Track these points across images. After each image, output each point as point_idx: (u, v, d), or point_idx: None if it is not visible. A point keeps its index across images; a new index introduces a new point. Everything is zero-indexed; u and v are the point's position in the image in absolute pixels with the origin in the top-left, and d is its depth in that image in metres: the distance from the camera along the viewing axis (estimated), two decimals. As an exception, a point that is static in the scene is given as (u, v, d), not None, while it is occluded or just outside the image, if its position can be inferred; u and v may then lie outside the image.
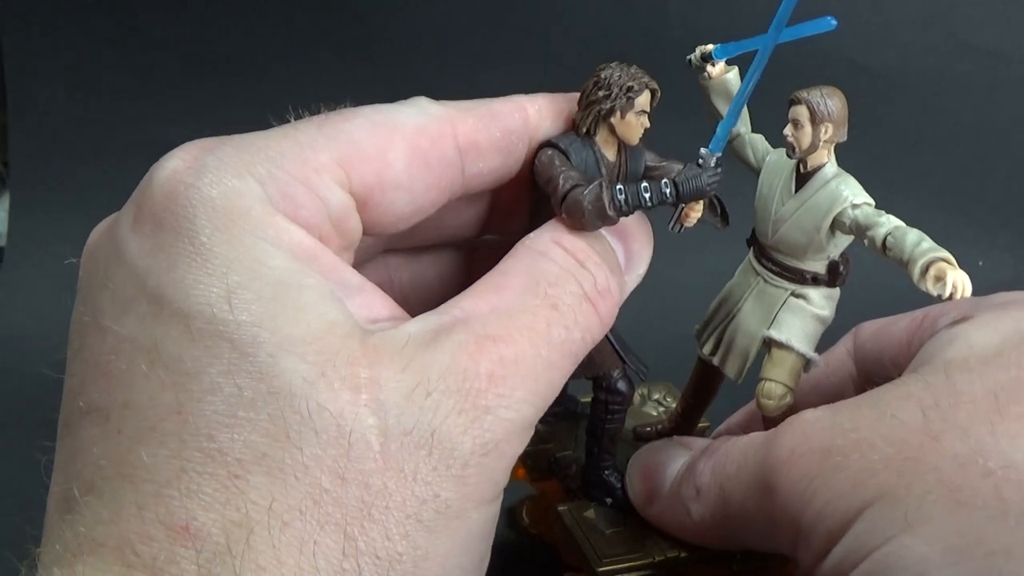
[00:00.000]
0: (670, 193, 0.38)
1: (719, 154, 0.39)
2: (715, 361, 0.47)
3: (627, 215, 0.38)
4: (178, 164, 0.33)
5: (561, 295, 0.36)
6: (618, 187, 0.38)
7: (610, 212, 0.37)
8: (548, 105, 0.41)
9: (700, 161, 0.39)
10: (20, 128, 0.98)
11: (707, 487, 0.41)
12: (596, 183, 0.38)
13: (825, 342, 0.45)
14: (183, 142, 0.35)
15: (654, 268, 0.41)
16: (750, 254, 0.46)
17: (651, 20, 1.01)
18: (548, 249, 0.37)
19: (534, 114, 0.41)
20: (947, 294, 0.37)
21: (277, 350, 0.30)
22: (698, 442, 0.45)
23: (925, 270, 0.38)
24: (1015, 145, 1.13)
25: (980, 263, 1.03)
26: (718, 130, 0.41)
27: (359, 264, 0.40)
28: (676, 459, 0.44)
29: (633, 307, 0.43)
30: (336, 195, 0.35)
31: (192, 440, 0.29)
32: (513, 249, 0.38)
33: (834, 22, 0.40)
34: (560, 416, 0.54)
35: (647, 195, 0.38)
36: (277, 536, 0.28)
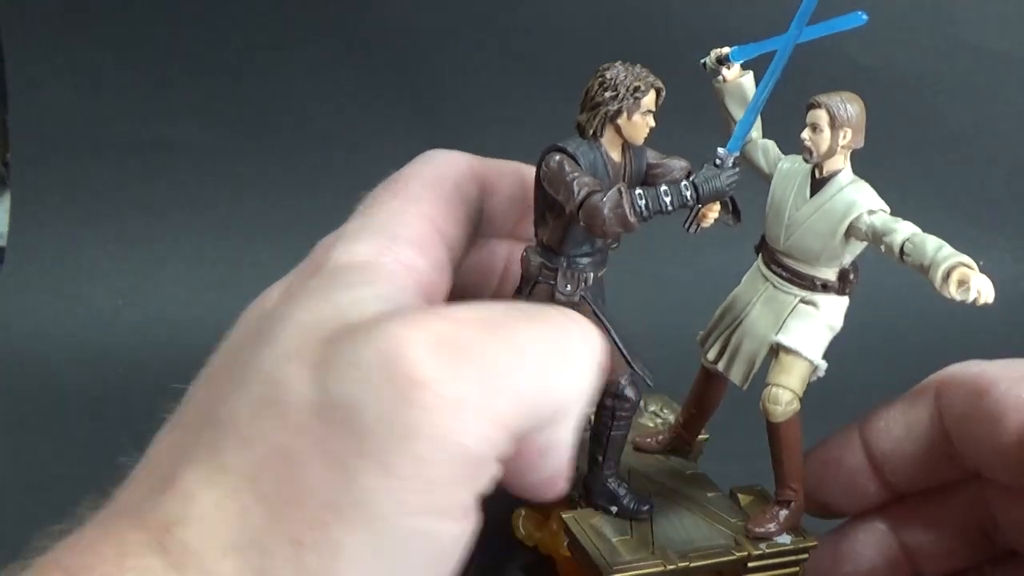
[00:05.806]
0: (691, 196, 0.38)
1: (736, 154, 0.39)
2: (720, 367, 0.46)
3: (648, 220, 0.37)
4: (324, 245, 0.39)
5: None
6: (637, 192, 0.37)
7: (631, 219, 0.37)
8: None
9: (717, 161, 0.39)
10: (20, 128, 0.98)
11: None
12: (615, 189, 0.37)
13: (833, 349, 0.45)
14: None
15: (649, 279, 0.41)
16: (758, 260, 0.46)
17: (650, 20, 1.01)
18: None
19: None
20: (971, 299, 0.37)
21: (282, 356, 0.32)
22: None
23: (947, 275, 0.38)
24: (1015, 145, 1.13)
25: (980, 263, 1.03)
26: (736, 129, 0.40)
27: None
28: None
29: (630, 319, 0.43)
30: (440, 250, 0.39)
31: (209, 421, 0.31)
32: None
33: (864, 17, 0.39)
34: None
35: (667, 199, 0.37)
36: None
